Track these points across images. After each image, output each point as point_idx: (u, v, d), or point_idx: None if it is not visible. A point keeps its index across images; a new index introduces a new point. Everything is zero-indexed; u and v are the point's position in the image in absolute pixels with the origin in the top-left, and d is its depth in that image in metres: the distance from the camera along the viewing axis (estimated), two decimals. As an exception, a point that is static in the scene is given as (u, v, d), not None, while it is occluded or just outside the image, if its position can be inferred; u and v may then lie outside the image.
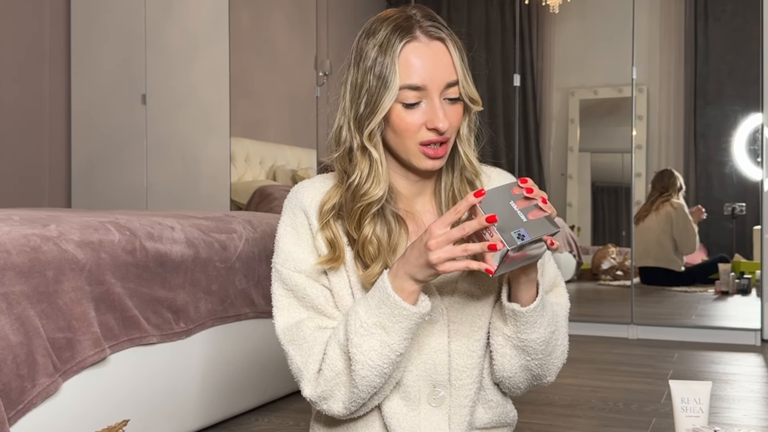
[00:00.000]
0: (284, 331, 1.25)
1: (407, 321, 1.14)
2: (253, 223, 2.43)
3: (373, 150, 1.22)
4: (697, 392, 1.48)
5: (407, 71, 1.18)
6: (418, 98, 1.19)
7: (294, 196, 1.29)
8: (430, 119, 1.19)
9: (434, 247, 1.08)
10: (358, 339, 1.15)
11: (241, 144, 4.35)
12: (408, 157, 1.23)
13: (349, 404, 1.20)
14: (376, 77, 1.19)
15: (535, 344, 1.23)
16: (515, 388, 1.32)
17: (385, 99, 1.18)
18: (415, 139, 1.20)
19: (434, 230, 1.08)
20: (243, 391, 2.32)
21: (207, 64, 4.28)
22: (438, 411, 1.27)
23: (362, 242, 1.23)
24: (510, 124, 4.57)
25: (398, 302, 1.13)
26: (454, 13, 5.22)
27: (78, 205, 4.54)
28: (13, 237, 1.62)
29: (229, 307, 2.21)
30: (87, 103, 4.53)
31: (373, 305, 1.15)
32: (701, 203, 4.45)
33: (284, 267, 1.26)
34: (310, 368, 1.21)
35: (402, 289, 1.13)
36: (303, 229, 1.27)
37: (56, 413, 1.65)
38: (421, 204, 1.31)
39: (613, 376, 3.02)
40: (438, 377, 1.26)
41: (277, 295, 1.28)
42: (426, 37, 1.19)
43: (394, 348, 1.15)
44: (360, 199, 1.22)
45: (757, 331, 3.77)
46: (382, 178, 1.22)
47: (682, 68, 4.64)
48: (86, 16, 4.52)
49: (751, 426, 2.28)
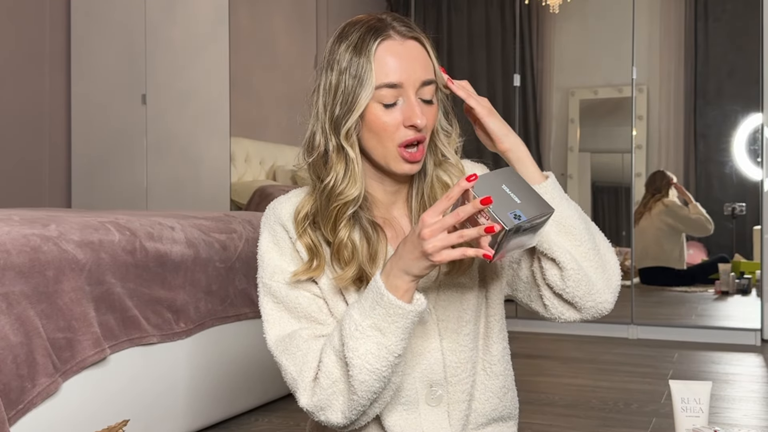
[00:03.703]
0: (276, 343, 1.24)
1: (403, 320, 1.12)
2: (253, 223, 2.43)
3: (349, 149, 1.21)
4: (697, 392, 1.48)
5: (383, 69, 1.18)
6: (396, 96, 1.18)
7: (271, 213, 1.29)
8: (407, 117, 1.18)
9: (428, 236, 1.05)
10: (354, 343, 1.13)
11: (241, 144, 4.35)
12: (386, 161, 1.21)
13: (349, 413, 1.17)
14: (352, 77, 1.18)
15: (571, 220, 1.19)
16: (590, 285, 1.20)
17: (362, 96, 1.18)
18: (393, 139, 1.19)
19: (427, 219, 1.05)
20: (243, 391, 2.32)
21: (207, 64, 4.28)
22: (437, 410, 1.26)
23: (337, 245, 1.21)
24: (510, 124, 4.56)
25: (393, 301, 1.10)
26: (454, 13, 5.22)
27: (78, 205, 4.54)
28: (13, 237, 1.62)
29: (229, 307, 2.21)
30: (87, 103, 4.53)
31: (367, 307, 1.13)
32: (701, 203, 4.45)
33: (272, 280, 1.25)
34: (305, 377, 1.19)
35: (396, 288, 1.11)
36: (284, 243, 1.26)
37: (56, 413, 1.65)
38: (397, 210, 1.29)
39: (613, 376, 3.02)
40: (434, 377, 1.26)
41: (267, 309, 1.27)
42: (400, 37, 1.20)
43: (391, 349, 1.13)
44: (336, 199, 1.21)
45: (757, 331, 3.77)
46: (358, 178, 1.21)
47: (682, 68, 4.64)
48: (86, 16, 4.52)
49: (751, 426, 2.28)
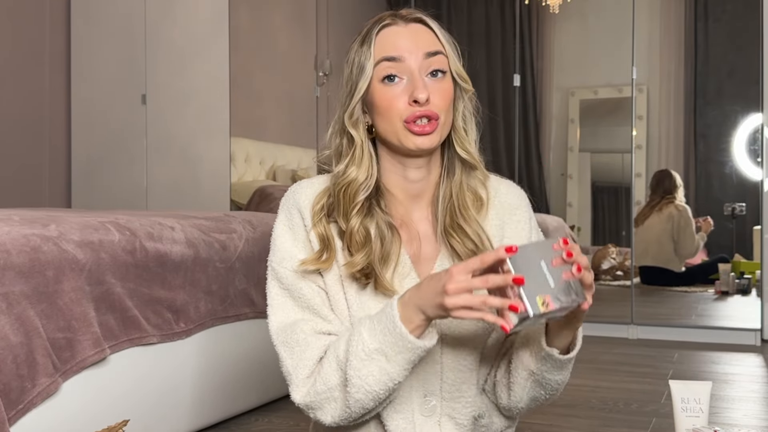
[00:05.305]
0: (278, 332, 1.23)
1: (411, 354, 1.11)
2: (253, 223, 2.43)
3: (354, 133, 1.22)
4: (697, 392, 1.48)
5: (383, 47, 1.20)
6: (396, 71, 1.19)
7: (291, 196, 1.28)
8: (410, 93, 1.18)
9: (452, 292, 1.03)
10: (358, 363, 1.12)
11: (241, 144, 4.35)
12: (398, 139, 1.20)
13: (338, 419, 1.18)
14: (356, 65, 1.22)
15: (556, 384, 1.22)
16: (516, 411, 1.29)
17: (361, 80, 1.20)
18: (400, 116, 1.19)
19: (455, 274, 1.03)
20: (243, 391, 2.32)
21: (207, 64, 4.28)
22: (429, 420, 1.25)
23: (350, 232, 1.22)
24: (510, 124, 4.57)
25: (404, 334, 1.09)
26: (454, 13, 5.22)
27: (78, 205, 4.54)
28: (13, 237, 1.62)
29: (229, 307, 2.21)
30: (87, 103, 4.53)
31: (377, 331, 1.12)
32: (701, 203, 4.45)
33: (281, 266, 1.25)
34: (300, 373, 1.19)
35: (410, 321, 1.09)
36: (299, 229, 1.26)
37: (56, 413, 1.65)
38: (418, 211, 1.28)
39: (613, 376, 3.02)
40: (429, 387, 1.25)
41: (273, 293, 1.26)
42: (403, 21, 1.22)
43: (393, 377, 1.13)
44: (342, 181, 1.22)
45: (757, 331, 3.77)
46: (363, 161, 1.22)
47: (682, 68, 4.64)
48: (86, 16, 4.52)
49: (751, 426, 2.28)
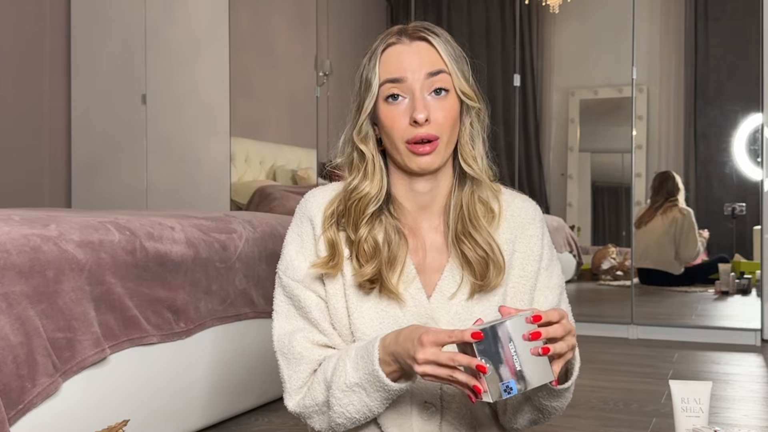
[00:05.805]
0: (279, 339, 1.27)
1: (387, 393, 1.15)
2: (253, 223, 2.43)
3: (364, 148, 1.24)
4: (697, 392, 1.48)
5: (387, 67, 1.21)
6: (399, 90, 1.20)
7: (304, 203, 1.31)
8: (410, 113, 1.19)
9: (421, 361, 1.06)
10: (339, 393, 1.17)
11: (241, 144, 4.35)
12: (402, 159, 1.22)
13: (327, 430, 1.24)
14: (363, 82, 1.23)
15: (553, 408, 1.23)
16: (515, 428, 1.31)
17: (367, 97, 1.22)
18: (402, 137, 1.20)
19: (426, 344, 1.05)
20: (243, 391, 2.32)
21: (207, 64, 4.28)
22: (429, 424, 1.26)
23: (358, 241, 1.23)
24: (510, 124, 4.57)
25: (381, 378, 1.13)
26: (454, 13, 5.22)
27: (78, 205, 4.54)
28: (13, 237, 1.62)
29: (229, 307, 2.21)
30: (87, 104, 4.53)
31: (360, 366, 1.16)
32: (701, 203, 4.45)
33: (285, 274, 1.28)
34: (294, 383, 1.24)
35: (388, 364, 1.13)
36: (307, 237, 1.28)
37: (56, 413, 1.65)
38: (427, 221, 1.28)
39: (613, 376, 3.02)
40: (427, 396, 1.26)
41: (278, 300, 1.30)
42: (408, 39, 1.23)
43: (372, 409, 1.18)
44: (352, 196, 1.24)
45: (757, 331, 3.77)
46: (374, 176, 1.24)
47: (682, 68, 4.64)
48: (86, 16, 4.52)
49: (751, 426, 2.28)
